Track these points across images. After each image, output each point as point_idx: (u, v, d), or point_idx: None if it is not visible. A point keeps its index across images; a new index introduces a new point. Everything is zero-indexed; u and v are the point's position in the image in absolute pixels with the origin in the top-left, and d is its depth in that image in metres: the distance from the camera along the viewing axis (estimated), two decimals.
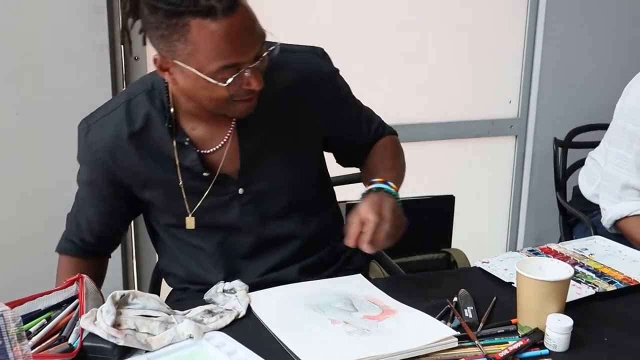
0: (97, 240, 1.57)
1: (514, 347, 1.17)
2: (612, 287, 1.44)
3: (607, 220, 2.06)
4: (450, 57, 2.98)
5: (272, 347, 1.18)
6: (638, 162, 2.01)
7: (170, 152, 1.42)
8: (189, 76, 1.27)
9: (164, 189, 1.46)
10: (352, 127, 1.63)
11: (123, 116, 1.42)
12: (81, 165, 1.52)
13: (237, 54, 1.25)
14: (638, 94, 2.02)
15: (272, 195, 1.50)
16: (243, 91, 1.30)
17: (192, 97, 1.34)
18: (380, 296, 1.38)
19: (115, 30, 2.40)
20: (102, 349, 1.12)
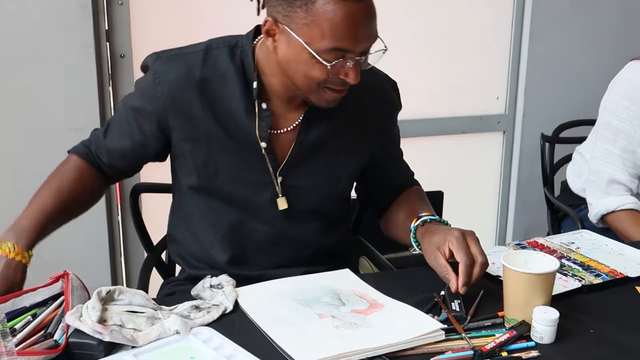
0: (110, 162, 1.53)
1: (500, 339, 1.17)
2: (599, 280, 1.45)
3: (594, 215, 2.07)
4: (438, 54, 2.99)
5: (259, 342, 1.17)
6: (624, 157, 2.02)
7: (237, 113, 1.41)
8: (295, 47, 1.28)
9: (210, 146, 1.44)
10: (392, 163, 1.65)
11: (199, 61, 1.41)
12: (136, 90, 1.48)
13: (351, 41, 1.26)
14: (622, 90, 2.03)
15: (305, 194, 1.50)
16: (338, 80, 1.32)
17: (286, 69, 1.34)
18: (367, 290, 1.38)
19: (100, 28, 2.39)
20: (87, 345, 1.11)
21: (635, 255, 1.59)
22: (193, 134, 1.43)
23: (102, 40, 2.41)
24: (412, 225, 1.47)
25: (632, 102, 1.99)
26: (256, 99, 1.41)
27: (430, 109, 3.03)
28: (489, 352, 1.14)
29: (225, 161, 1.45)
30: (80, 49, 2.34)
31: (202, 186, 1.48)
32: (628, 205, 2.01)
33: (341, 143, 1.51)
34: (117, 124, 1.52)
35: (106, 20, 2.41)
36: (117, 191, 2.54)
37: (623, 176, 2.02)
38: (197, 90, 1.40)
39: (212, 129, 1.42)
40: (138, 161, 1.56)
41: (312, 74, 1.31)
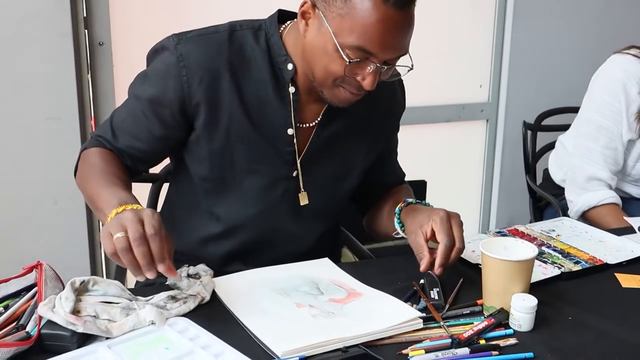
0: (132, 156, 1.45)
1: (478, 327, 1.17)
2: (578, 267, 1.45)
3: (575, 212, 2.06)
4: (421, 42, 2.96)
5: (236, 332, 1.16)
6: (605, 153, 2.01)
7: (266, 97, 1.39)
8: (323, 35, 1.27)
9: (229, 133, 1.40)
10: (389, 162, 1.66)
11: (225, 41, 1.38)
12: (151, 78, 1.40)
13: (378, 46, 1.25)
14: (604, 86, 2.02)
15: (316, 190, 1.48)
16: (353, 82, 1.30)
17: (310, 56, 1.32)
18: (346, 279, 1.37)
19: (78, 15, 2.36)
20: (60, 336, 1.10)
21: (615, 242, 1.60)
22: (214, 119, 1.39)
23: (80, 27, 2.38)
24: (397, 208, 1.46)
25: (614, 98, 1.98)
26: (289, 81, 1.39)
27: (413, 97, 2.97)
28: (467, 340, 1.14)
29: (242, 150, 1.41)
30: (58, 36, 2.31)
31: (214, 177, 1.44)
32: (609, 200, 2.00)
33: (353, 140, 1.50)
34: (129, 122, 1.43)
35: (84, 8, 2.38)
36: None
37: (604, 173, 2.02)
38: (227, 71, 1.37)
39: (235, 114, 1.39)
40: (155, 159, 1.50)
41: (331, 68, 1.29)
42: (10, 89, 2.31)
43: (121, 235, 1.11)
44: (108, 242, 1.12)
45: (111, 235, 1.12)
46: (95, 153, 1.43)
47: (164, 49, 1.39)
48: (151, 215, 1.15)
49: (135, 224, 1.12)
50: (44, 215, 2.43)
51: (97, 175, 1.36)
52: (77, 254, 2.49)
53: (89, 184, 1.37)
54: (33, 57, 2.30)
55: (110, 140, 1.44)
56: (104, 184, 1.31)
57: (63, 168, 2.39)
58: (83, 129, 2.43)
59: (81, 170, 1.44)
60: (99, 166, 1.39)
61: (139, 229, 1.12)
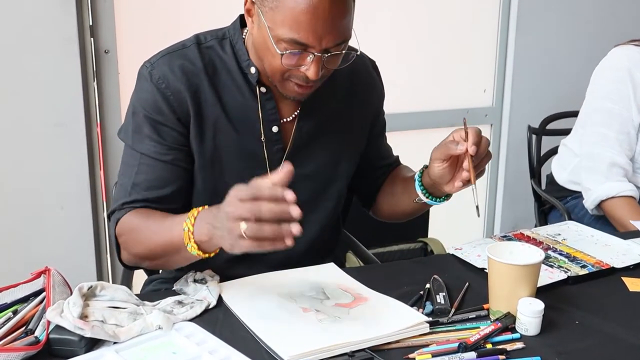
0: (163, 200, 1.39)
1: (485, 331, 1.17)
2: (584, 271, 1.44)
3: (592, 201, 2.06)
4: (425, 47, 2.98)
5: (243, 337, 1.17)
6: (620, 139, 2.01)
7: (243, 103, 1.40)
8: (262, 30, 1.28)
9: (216, 143, 1.39)
10: (382, 144, 1.66)
11: (196, 54, 1.39)
12: (138, 118, 1.37)
13: (311, 36, 1.23)
14: (610, 74, 2.05)
15: (307, 182, 1.47)
16: (299, 74, 1.30)
17: (258, 52, 1.34)
18: (352, 284, 1.37)
19: (84, 23, 2.37)
20: (68, 341, 1.10)
21: (621, 246, 1.59)
22: (201, 132, 1.39)
23: (86, 35, 2.39)
24: (417, 175, 1.46)
25: (622, 84, 2.00)
26: (256, 84, 1.40)
27: (417, 102, 3.03)
28: (474, 344, 1.14)
29: (231, 157, 1.42)
30: (64, 44, 2.32)
31: (206, 188, 1.43)
32: (627, 192, 2.00)
33: (339, 127, 1.50)
34: (144, 172, 1.38)
35: (90, 15, 2.39)
36: (102, 187, 2.52)
37: (621, 158, 2.02)
38: (204, 82, 1.37)
39: (219, 124, 1.39)
40: (187, 191, 1.44)
41: (273, 62, 1.29)
42: (17, 96, 2.32)
43: (244, 225, 1.07)
44: (242, 244, 1.08)
45: (237, 236, 1.08)
46: (130, 218, 1.36)
47: (141, 80, 1.39)
48: (234, 190, 1.11)
49: (236, 206, 1.08)
50: (50, 221, 2.44)
51: (148, 231, 1.32)
52: (84, 259, 2.49)
53: (146, 243, 1.32)
54: (39, 65, 2.31)
55: (136, 198, 1.38)
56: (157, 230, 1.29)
57: (69, 174, 2.41)
58: (89, 136, 2.44)
59: (129, 241, 1.36)
60: (144, 224, 1.34)
61: (244, 205, 1.07)
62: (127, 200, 1.38)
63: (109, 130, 2.49)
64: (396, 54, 2.86)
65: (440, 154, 1.36)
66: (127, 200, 1.38)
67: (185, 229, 1.20)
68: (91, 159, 2.46)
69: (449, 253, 1.56)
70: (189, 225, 1.19)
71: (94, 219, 2.49)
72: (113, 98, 2.48)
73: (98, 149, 2.49)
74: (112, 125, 2.49)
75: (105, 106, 2.49)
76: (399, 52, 2.89)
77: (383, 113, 1.64)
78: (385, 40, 2.81)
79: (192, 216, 1.20)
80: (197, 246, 1.20)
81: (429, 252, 2.50)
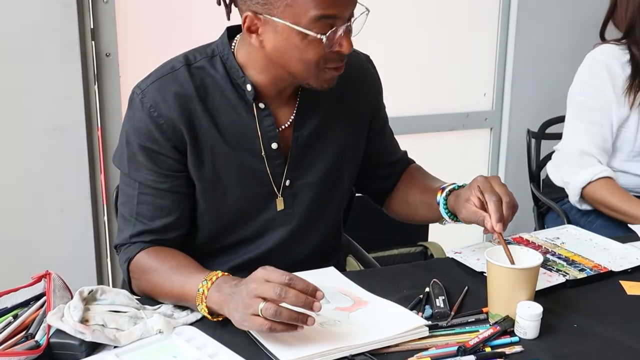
0: (169, 229, 1.40)
1: (484, 335, 1.17)
2: (583, 275, 1.45)
3: (573, 194, 2.08)
4: (425, 51, 2.99)
5: (242, 341, 1.17)
6: (591, 130, 2.04)
7: (239, 121, 1.38)
8: (283, 33, 1.26)
9: (215, 167, 1.38)
10: (389, 139, 1.65)
11: (187, 76, 1.35)
12: (132, 147, 1.36)
13: (336, 6, 1.24)
14: (585, 69, 2.10)
15: (311, 190, 1.47)
16: (334, 55, 1.29)
17: (280, 60, 1.30)
18: (352, 288, 1.37)
19: (85, 27, 2.37)
20: (69, 345, 1.11)
21: (619, 250, 1.60)
22: (199, 158, 1.37)
23: (87, 38, 2.39)
24: (441, 198, 1.45)
25: (593, 76, 2.05)
26: (253, 101, 1.38)
27: (417, 106, 3.03)
28: (473, 347, 1.14)
29: (232, 178, 1.40)
30: (65, 47, 2.32)
31: (209, 210, 1.43)
32: (601, 174, 2.02)
33: (337, 128, 1.49)
34: (145, 202, 1.38)
35: (91, 19, 2.39)
36: (103, 190, 2.53)
37: (592, 148, 2.04)
38: (198, 106, 1.35)
39: (216, 147, 1.37)
40: (190, 201, 1.43)
41: (308, 56, 1.27)
42: (18, 99, 2.33)
43: (262, 304, 1.10)
44: (254, 322, 1.11)
45: (252, 313, 1.11)
46: (143, 259, 1.36)
47: (132, 107, 1.36)
48: (262, 269, 1.15)
49: (262, 284, 1.12)
50: (51, 225, 2.44)
51: (161, 278, 1.32)
52: (84, 263, 2.49)
53: (157, 289, 1.32)
54: (40, 68, 2.32)
55: (142, 230, 1.39)
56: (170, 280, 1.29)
57: (69, 178, 2.42)
58: (90, 140, 2.44)
59: (141, 281, 1.37)
60: (157, 268, 1.34)
61: (271, 286, 1.11)
62: (133, 232, 1.39)
63: (110, 134, 2.50)
64: (396, 58, 2.86)
65: (469, 221, 1.36)
66: (134, 233, 1.39)
67: (200, 291, 1.21)
68: (92, 162, 2.46)
69: (449, 257, 1.56)
70: (204, 288, 1.20)
71: (95, 223, 2.49)
72: (114, 101, 2.49)
73: (99, 152, 2.50)
74: (113, 129, 2.49)
75: (106, 110, 2.49)
76: (399, 56, 2.89)
77: (383, 108, 1.62)
78: (385, 44, 2.81)
79: (210, 280, 1.21)
80: (207, 309, 1.21)
81: (429, 256, 2.51)
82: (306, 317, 1.11)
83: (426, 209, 1.52)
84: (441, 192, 1.46)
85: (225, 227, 1.45)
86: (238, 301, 1.13)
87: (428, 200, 1.50)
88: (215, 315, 1.21)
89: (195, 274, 1.25)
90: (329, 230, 1.56)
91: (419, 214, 1.57)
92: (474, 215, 1.33)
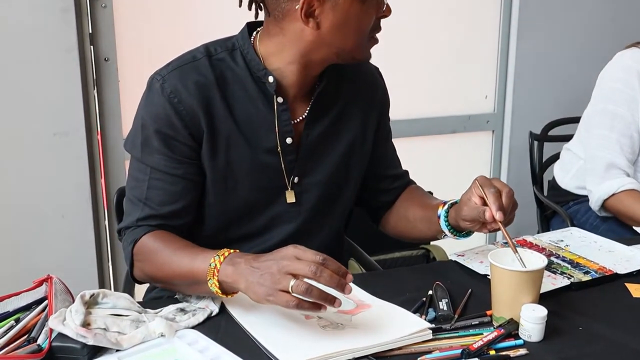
0: (176, 216, 1.39)
1: (488, 338, 1.16)
2: (588, 277, 1.44)
3: (595, 202, 2.06)
4: (426, 53, 2.99)
5: (245, 344, 1.16)
6: (621, 141, 2.01)
7: (257, 114, 1.39)
8: (342, 6, 1.29)
9: (229, 157, 1.39)
10: (391, 154, 1.65)
11: (208, 66, 1.37)
12: (148, 131, 1.36)
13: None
14: (615, 75, 2.05)
15: (319, 189, 1.48)
16: (377, 22, 1.37)
17: (335, 38, 1.33)
18: (354, 291, 1.36)
19: (83, 31, 2.37)
20: (71, 349, 1.10)
21: (624, 252, 1.59)
22: (214, 147, 1.38)
23: (85, 43, 2.39)
24: (442, 211, 1.45)
25: (626, 86, 2.00)
26: (274, 94, 1.39)
27: (419, 108, 3.03)
28: (477, 350, 1.13)
29: (244, 170, 1.41)
30: (64, 52, 2.32)
31: (218, 201, 1.43)
32: (627, 186, 2.00)
33: (346, 130, 1.50)
34: (155, 186, 1.37)
35: (90, 24, 2.39)
36: (103, 194, 2.52)
37: (621, 160, 2.02)
38: (217, 96, 1.36)
39: (232, 137, 1.38)
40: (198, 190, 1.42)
41: (365, 23, 1.33)
42: (17, 105, 2.32)
43: (293, 281, 1.11)
44: (281, 297, 1.11)
45: (280, 288, 1.12)
46: (150, 240, 1.36)
47: (152, 92, 1.37)
48: (292, 247, 1.16)
49: (295, 262, 1.13)
50: (52, 229, 2.44)
51: (168, 256, 1.31)
52: (86, 267, 2.49)
53: (164, 268, 1.32)
54: (39, 73, 2.31)
55: (150, 214, 1.38)
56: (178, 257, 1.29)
57: (70, 182, 2.41)
58: (90, 144, 2.44)
59: (146, 262, 1.36)
60: (165, 248, 1.33)
61: (305, 264, 1.12)
62: (140, 216, 1.38)
63: (110, 138, 2.49)
64: (398, 61, 2.86)
65: (471, 219, 1.36)
66: (141, 216, 1.38)
67: (212, 265, 1.21)
68: (92, 167, 2.46)
69: (451, 260, 1.55)
70: (217, 262, 1.21)
71: (95, 227, 2.49)
72: (113, 106, 2.48)
73: (99, 157, 2.49)
74: (113, 133, 2.49)
75: (106, 114, 2.49)
76: (401, 58, 2.89)
77: (388, 119, 1.63)
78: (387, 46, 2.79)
79: (222, 255, 1.21)
80: (218, 284, 1.20)
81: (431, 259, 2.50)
82: (334, 298, 1.12)
83: (426, 224, 1.51)
84: (442, 205, 1.47)
85: (232, 220, 1.45)
86: (265, 275, 1.14)
87: (428, 215, 1.50)
88: (224, 292, 1.21)
89: (204, 252, 1.26)
90: (332, 231, 1.56)
91: (417, 229, 1.57)
92: (475, 210, 1.34)
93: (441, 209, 1.46)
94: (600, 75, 2.12)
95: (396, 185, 1.64)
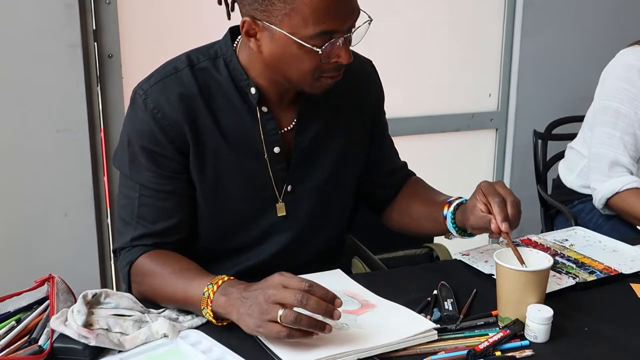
0: (170, 232, 1.38)
1: (494, 338, 1.15)
2: (593, 277, 1.43)
3: (598, 200, 2.06)
4: (430, 51, 2.97)
5: (248, 345, 1.15)
6: (624, 139, 2.01)
7: (242, 124, 1.36)
8: (279, 40, 1.24)
9: (217, 170, 1.37)
10: (388, 147, 1.63)
11: (190, 77, 1.34)
12: (134, 148, 1.34)
13: (336, 21, 1.22)
14: (618, 73, 2.04)
15: (314, 195, 1.46)
16: (331, 65, 1.28)
17: (276, 66, 1.30)
18: (359, 291, 1.36)
19: (87, 28, 2.36)
20: (73, 350, 1.09)
21: (629, 252, 1.58)
22: (201, 161, 1.36)
23: (89, 40, 2.38)
24: (448, 212, 1.43)
25: (630, 84, 1.99)
26: (257, 104, 1.36)
27: (422, 106, 3.02)
28: (483, 351, 1.13)
29: (234, 181, 1.39)
30: (67, 49, 2.31)
31: (210, 212, 1.41)
32: (631, 185, 2.00)
33: (339, 132, 1.47)
34: (146, 204, 1.35)
35: (94, 20, 2.38)
36: (106, 193, 2.51)
37: (624, 158, 2.01)
38: (201, 107, 1.33)
39: (219, 150, 1.36)
40: (192, 217, 1.42)
41: (304, 65, 1.26)
42: (20, 102, 2.31)
43: (281, 310, 1.09)
44: (271, 328, 1.09)
45: (269, 319, 1.10)
46: (145, 262, 1.34)
47: (135, 108, 1.34)
48: (278, 275, 1.15)
49: (281, 290, 1.11)
50: (54, 228, 2.43)
51: (163, 281, 1.29)
52: (88, 266, 2.48)
53: (160, 292, 1.30)
54: (43, 70, 2.30)
55: (143, 233, 1.36)
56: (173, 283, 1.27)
57: (73, 180, 2.41)
58: (93, 141, 2.43)
59: (142, 285, 1.34)
60: (160, 272, 1.31)
61: (291, 292, 1.10)
62: (134, 235, 1.36)
63: (113, 135, 2.48)
64: (401, 59, 2.85)
65: (478, 227, 1.34)
66: (135, 236, 1.36)
67: (205, 294, 1.19)
68: (95, 164, 2.45)
69: (456, 259, 1.54)
70: (209, 292, 1.19)
71: (98, 226, 2.48)
72: (117, 103, 2.48)
73: (102, 154, 2.49)
74: (116, 131, 2.48)
75: (109, 111, 2.48)
76: (404, 56, 2.88)
77: (384, 114, 1.61)
78: (390, 44, 2.80)
79: (216, 284, 1.19)
80: (212, 314, 1.19)
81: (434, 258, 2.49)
82: (324, 324, 1.10)
83: (431, 222, 1.50)
84: (448, 206, 1.44)
85: (226, 231, 1.44)
86: (253, 306, 1.12)
87: (433, 213, 1.48)
88: (221, 320, 1.20)
89: (199, 277, 1.24)
90: (332, 235, 1.55)
91: (422, 226, 1.55)
92: (481, 220, 1.31)
93: (447, 210, 1.43)
94: (603, 74, 2.11)
95: (396, 179, 1.63)
